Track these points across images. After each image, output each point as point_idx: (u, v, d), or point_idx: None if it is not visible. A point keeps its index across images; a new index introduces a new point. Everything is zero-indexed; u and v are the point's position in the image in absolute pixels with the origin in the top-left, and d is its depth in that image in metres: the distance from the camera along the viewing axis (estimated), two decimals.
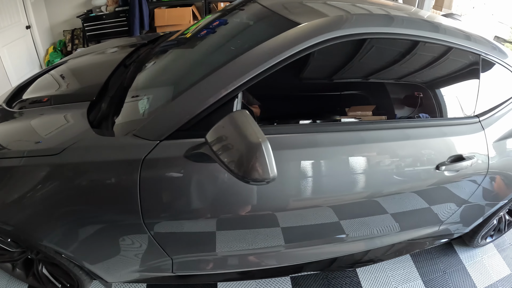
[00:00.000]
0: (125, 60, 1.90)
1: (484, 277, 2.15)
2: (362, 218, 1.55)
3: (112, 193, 1.13)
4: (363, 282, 1.91)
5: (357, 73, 1.44)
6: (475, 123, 1.60)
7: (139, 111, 1.30)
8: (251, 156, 0.89)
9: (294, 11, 1.48)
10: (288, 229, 1.40)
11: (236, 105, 1.15)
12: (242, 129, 0.92)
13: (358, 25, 1.29)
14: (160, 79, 1.49)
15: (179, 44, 1.79)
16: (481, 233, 2.12)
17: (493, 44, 1.67)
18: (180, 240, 1.31)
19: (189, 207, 1.20)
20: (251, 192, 1.22)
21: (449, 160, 1.50)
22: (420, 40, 1.44)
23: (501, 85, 1.72)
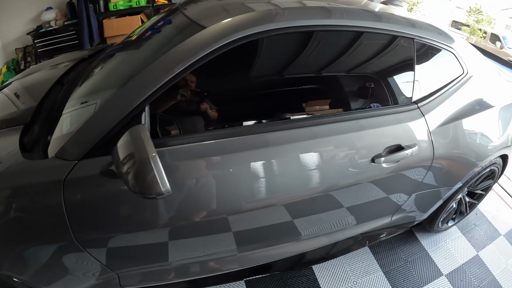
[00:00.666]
0: (61, 78, 1.83)
1: (449, 262, 2.11)
2: (313, 216, 1.50)
3: (41, 216, 1.11)
4: (320, 280, 1.84)
5: (304, 68, 1.39)
6: (413, 109, 1.54)
7: (62, 131, 1.27)
8: (142, 171, 0.91)
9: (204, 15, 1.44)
10: (236, 233, 1.36)
11: (144, 118, 1.13)
12: (134, 144, 0.95)
13: (292, 18, 1.26)
14: (81, 98, 1.43)
15: (100, 62, 1.71)
16: (440, 218, 2.08)
17: (425, 25, 1.63)
18: (118, 254, 1.28)
19: (115, 222, 1.18)
20: (178, 201, 1.20)
21: (386, 152, 1.44)
22: (361, 31, 1.40)
23: (443, 70, 1.68)
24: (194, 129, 1.25)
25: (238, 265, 1.54)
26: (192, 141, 1.18)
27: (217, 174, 1.21)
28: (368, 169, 1.42)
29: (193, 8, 1.55)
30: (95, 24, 3.70)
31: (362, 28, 1.41)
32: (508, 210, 2.65)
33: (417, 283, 1.94)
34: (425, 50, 1.60)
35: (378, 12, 1.54)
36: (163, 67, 1.14)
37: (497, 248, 2.29)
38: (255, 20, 1.22)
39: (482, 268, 2.13)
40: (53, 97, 1.61)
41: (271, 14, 1.27)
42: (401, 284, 1.90)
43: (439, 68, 1.67)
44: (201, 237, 1.33)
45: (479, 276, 2.07)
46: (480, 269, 2.12)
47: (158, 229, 1.23)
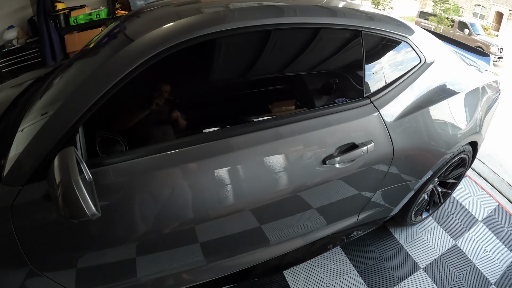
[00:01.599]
0: (16, 100, 1.75)
1: (426, 254, 2.07)
2: (280, 220, 1.44)
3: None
4: (292, 285, 1.77)
5: (257, 69, 1.34)
6: (366, 104, 1.48)
7: (8, 155, 1.21)
8: (67, 195, 0.90)
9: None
10: (205, 243, 1.33)
11: (78, 139, 1.10)
12: (60, 169, 0.93)
13: (241, 18, 1.22)
14: (31, 118, 1.37)
15: (52, 78, 1.62)
16: (412, 211, 2.02)
17: (374, 15, 1.58)
18: (81, 275, 1.23)
19: (69, 243, 1.15)
20: (136, 215, 1.18)
21: (338, 151, 1.38)
22: (312, 27, 1.36)
23: (398, 60, 1.62)
24: (143, 142, 1.20)
25: (211, 275, 1.49)
26: (139, 156, 1.14)
27: (178, 184, 1.18)
28: (320, 171, 1.36)
29: (132, 21, 1.50)
30: (56, 40, 3.61)
31: (313, 25, 1.36)
32: (484, 194, 2.62)
33: (393, 279, 1.88)
34: (376, 42, 1.54)
35: (329, 7, 1.49)
36: (94, 84, 1.11)
37: (475, 235, 2.25)
38: (199, 23, 1.19)
39: (461, 257, 2.09)
40: (7, 119, 1.56)
41: (218, 16, 1.24)
42: (377, 282, 1.85)
43: (393, 60, 1.62)
44: (167, 250, 1.28)
45: (459, 266, 2.03)
46: (459, 259, 2.07)
47: (115, 245, 1.19)
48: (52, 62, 3.63)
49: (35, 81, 1.97)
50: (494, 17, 23.98)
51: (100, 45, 1.47)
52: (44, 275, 1.14)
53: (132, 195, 1.14)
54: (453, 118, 1.74)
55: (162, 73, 1.20)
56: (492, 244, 2.22)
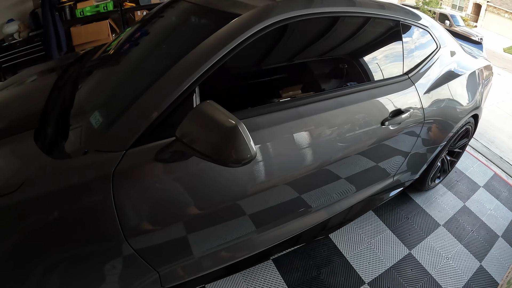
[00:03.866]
0: (57, 82, 1.75)
1: (443, 214, 2.36)
2: (323, 187, 1.61)
3: (86, 218, 1.03)
4: (339, 245, 1.99)
5: (323, 50, 1.54)
6: (405, 80, 1.76)
7: (92, 126, 1.21)
8: (229, 140, 0.92)
9: (220, 4, 1.50)
10: (258, 214, 1.42)
11: (195, 100, 1.15)
12: (214, 117, 0.95)
13: (285, 10, 1.33)
14: (105, 92, 1.41)
15: (113, 56, 1.71)
16: (429, 177, 2.32)
17: (406, 9, 1.84)
18: (165, 249, 1.25)
19: (170, 211, 1.16)
20: (229, 180, 1.23)
21: (391, 115, 1.63)
22: (341, 16, 1.53)
23: (420, 43, 1.91)
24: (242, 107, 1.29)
25: (263, 245, 1.59)
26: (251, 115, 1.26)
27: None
28: (379, 131, 1.61)
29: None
30: (62, 32, 3.55)
31: (368, 15, 1.61)
32: (481, 165, 2.98)
33: (420, 234, 2.16)
34: (408, 30, 1.83)
35: (379, 2, 1.72)
36: (207, 51, 1.18)
37: (480, 198, 2.58)
38: (289, 6, 1.33)
39: (471, 215, 2.40)
40: (59, 98, 1.55)
41: (269, 8, 1.35)
42: (408, 237, 2.11)
43: (419, 44, 1.91)
44: (236, 219, 1.36)
45: (470, 222, 2.34)
46: (469, 217, 2.39)
47: (208, 212, 1.24)
48: (57, 55, 3.59)
49: (68, 67, 1.95)
50: (472, 9, 24.42)
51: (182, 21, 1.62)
52: (133, 250, 1.13)
53: None
54: (462, 94, 2.09)
55: (261, 47, 1.33)
56: (494, 205, 2.56)
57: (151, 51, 1.55)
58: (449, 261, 2.03)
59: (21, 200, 0.98)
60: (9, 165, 1.15)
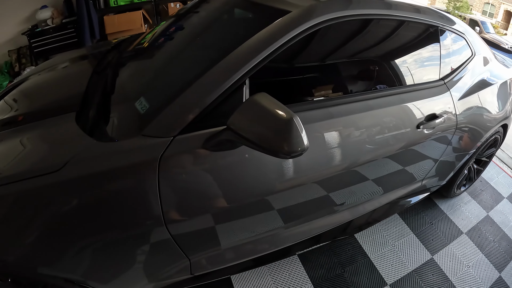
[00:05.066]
0: (96, 68, 1.79)
1: (466, 222, 2.37)
2: (352, 188, 1.63)
3: (128, 201, 1.06)
4: (364, 245, 2.02)
5: (367, 52, 1.56)
6: (441, 85, 1.78)
7: (139, 111, 1.23)
8: (285, 131, 0.93)
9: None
10: (288, 210, 1.44)
11: (245, 91, 1.17)
12: (268, 109, 0.96)
13: (329, 11, 1.34)
14: (152, 78, 1.45)
15: (159, 43, 1.75)
16: (456, 184, 2.32)
17: (441, 13, 1.85)
18: (199, 237, 1.28)
19: (209, 199, 1.18)
20: (273, 173, 1.26)
21: (426, 119, 1.65)
22: (381, 18, 1.54)
23: (456, 49, 1.92)
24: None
25: (293, 239, 1.62)
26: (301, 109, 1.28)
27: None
28: (414, 134, 1.62)
29: None
30: (96, 20, 3.64)
31: (408, 18, 1.61)
32: (506, 176, 2.96)
33: (443, 240, 2.17)
34: (446, 36, 1.83)
35: (416, 5, 1.73)
36: (262, 43, 1.20)
37: (503, 209, 2.57)
38: (332, 6, 1.35)
39: (493, 226, 2.40)
40: (100, 83, 1.58)
41: (350, 1, 1.41)
42: (431, 243, 2.13)
43: (456, 51, 1.92)
44: (269, 212, 1.38)
45: (492, 232, 2.34)
46: (492, 227, 2.38)
47: (248, 202, 1.28)
48: (90, 42, 3.67)
49: (106, 53, 2.00)
50: (503, 16, 23.72)
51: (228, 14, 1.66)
52: (170, 236, 1.16)
53: None
54: (493, 103, 2.09)
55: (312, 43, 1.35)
56: None
57: (198, 40, 1.58)
58: (469, 269, 2.04)
59: (64, 179, 1.01)
60: (52, 145, 1.18)
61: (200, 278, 1.46)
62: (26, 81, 1.88)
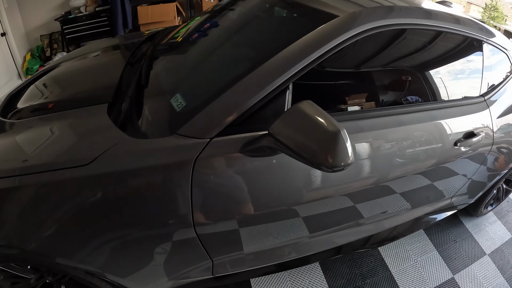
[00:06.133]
0: (129, 60, 1.78)
1: (490, 243, 2.32)
2: (379, 202, 1.61)
3: (159, 200, 1.06)
4: (386, 259, 2.01)
5: (400, 63, 1.52)
6: (481, 102, 1.73)
7: (174, 109, 1.21)
8: (331, 144, 0.89)
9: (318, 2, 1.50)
10: (314, 219, 1.43)
11: (288, 96, 1.14)
12: (315, 119, 0.92)
13: (406, 16, 1.35)
14: (191, 75, 1.42)
15: (198, 39, 1.73)
16: (484, 203, 2.27)
17: (480, 25, 1.79)
18: (225, 240, 1.28)
19: (239, 204, 1.17)
20: (303, 182, 1.24)
21: (464, 136, 1.61)
22: (423, 29, 1.49)
23: (497, 64, 1.85)
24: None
25: (315, 248, 1.62)
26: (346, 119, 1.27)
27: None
28: (451, 152, 1.59)
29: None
30: (129, 11, 3.68)
31: (447, 29, 1.55)
32: None
33: (466, 260, 2.14)
34: (489, 51, 1.77)
35: (456, 15, 1.67)
36: (305, 48, 1.17)
37: None
38: (381, 14, 1.33)
39: None
40: (134, 75, 1.56)
41: (392, 10, 1.38)
42: (453, 261, 2.10)
43: (497, 67, 1.85)
44: (295, 219, 1.36)
45: None
46: None
47: (274, 210, 1.26)
48: (122, 32, 3.72)
49: (140, 44, 2.00)
50: None
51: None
52: (197, 237, 1.15)
53: None
54: None
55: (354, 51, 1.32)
56: None
57: (239, 39, 1.56)
58: None
59: (93, 174, 1.01)
60: (83, 137, 1.18)
61: (221, 279, 1.47)
62: (58, 67, 1.89)
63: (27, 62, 4.04)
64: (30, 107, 1.46)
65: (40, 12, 4.04)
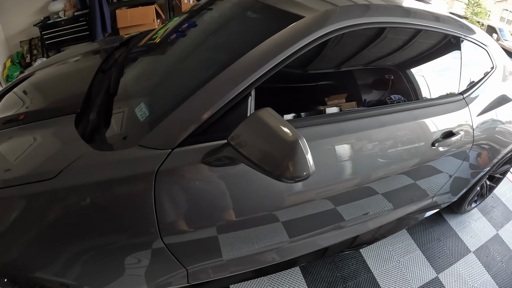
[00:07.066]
0: (102, 66, 1.74)
1: (475, 240, 2.29)
2: (360, 204, 1.58)
3: (124, 212, 1.04)
4: (368, 260, 1.97)
5: (374, 62, 1.48)
6: (459, 100, 1.69)
7: (138, 119, 1.19)
8: (289, 154, 0.86)
9: (280, 3, 1.45)
10: (293, 223, 1.40)
11: (250, 103, 1.11)
12: (273, 128, 0.89)
13: (345, 18, 1.27)
14: (155, 83, 1.39)
15: (166, 44, 1.69)
16: (468, 200, 2.25)
17: (460, 22, 1.76)
18: (196, 249, 1.25)
19: (207, 213, 1.15)
20: (268, 191, 1.21)
21: (442, 136, 1.58)
22: (401, 27, 1.46)
23: (476, 61, 1.82)
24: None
25: (294, 253, 1.58)
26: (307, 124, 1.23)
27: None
28: (429, 152, 1.56)
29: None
30: (108, 14, 3.62)
31: (427, 28, 1.53)
32: None
33: (450, 259, 2.11)
34: (468, 47, 1.74)
35: (436, 13, 1.64)
36: (270, 51, 1.13)
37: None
38: (356, 12, 1.29)
39: (502, 245, 2.32)
40: (103, 83, 1.52)
41: (369, 8, 1.35)
42: (437, 260, 2.07)
43: (476, 64, 1.83)
44: (270, 225, 1.33)
45: (501, 252, 2.27)
46: (501, 246, 2.31)
47: (246, 218, 1.23)
48: (101, 36, 3.65)
49: (114, 49, 1.95)
50: None
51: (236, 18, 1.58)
52: (166, 247, 1.13)
53: None
54: (510, 120, 1.97)
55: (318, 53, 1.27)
56: None
57: (204, 46, 1.51)
58: None
59: (59, 187, 0.99)
60: (49, 150, 1.15)
61: (198, 287, 1.44)
62: (33, 75, 1.84)
63: (7, 69, 3.96)
64: (2, 119, 1.42)
65: (20, 18, 3.96)
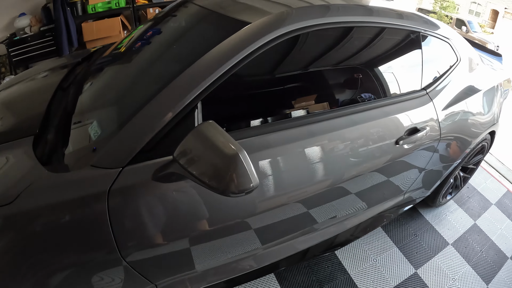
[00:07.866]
0: (62, 83, 1.69)
1: (452, 232, 2.29)
2: (333, 205, 1.56)
3: (81, 233, 1.01)
4: (343, 261, 1.94)
5: (334, 62, 1.46)
6: (423, 95, 1.69)
7: (91, 138, 1.17)
8: (229, 168, 0.86)
9: (232, 9, 1.43)
10: (265, 229, 1.37)
11: (197, 116, 1.10)
12: (213, 142, 0.89)
13: (300, 19, 1.25)
14: (106, 100, 1.35)
15: (118, 59, 1.66)
16: (441, 193, 2.24)
17: (425, 18, 1.75)
18: (162, 264, 1.22)
19: (169, 228, 1.13)
20: (225, 202, 1.17)
21: (406, 134, 1.56)
22: (358, 26, 1.45)
23: (440, 56, 1.82)
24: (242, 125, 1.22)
25: (269, 259, 1.55)
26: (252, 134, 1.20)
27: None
28: (393, 151, 1.54)
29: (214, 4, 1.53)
30: (73, 28, 3.53)
31: (387, 25, 1.52)
32: (494, 181, 2.89)
33: (428, 253, 2.10)
34: (429, 42, 1.74)
35: (396, 10, 1.63)
36: (214, 62, 1.12)
37: (491, 216, 2.50)
38: (303, 14, 1.26)
39: (481, 234, 2.33)
40: (61, 103, 1.49)
41: (329, 9, 1.34)
42: (415, 256, 2.05)
43: (439, 57, 1.83)
44: (237, 235, 1.31)
45: (480, 242, 2.27)
46: (479, 236, 2.31)
47: (209, 230, 1.20)
48: (68, 51, 3.58)
49: (75, 66, 1.90)
50: (489, 15, 23.66)
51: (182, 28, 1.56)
52: (128, 265, 1.11)
53: None
54: (480, 110, 2.00)
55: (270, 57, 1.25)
56: (505, 224, 2.48)
57: (154, 59, 1.49)
58: (455, 283, 1.97)
59: (17, 212, 0.97)
60: (7, 175, 1.12)
61: None
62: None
63: None
64: None
65: None
